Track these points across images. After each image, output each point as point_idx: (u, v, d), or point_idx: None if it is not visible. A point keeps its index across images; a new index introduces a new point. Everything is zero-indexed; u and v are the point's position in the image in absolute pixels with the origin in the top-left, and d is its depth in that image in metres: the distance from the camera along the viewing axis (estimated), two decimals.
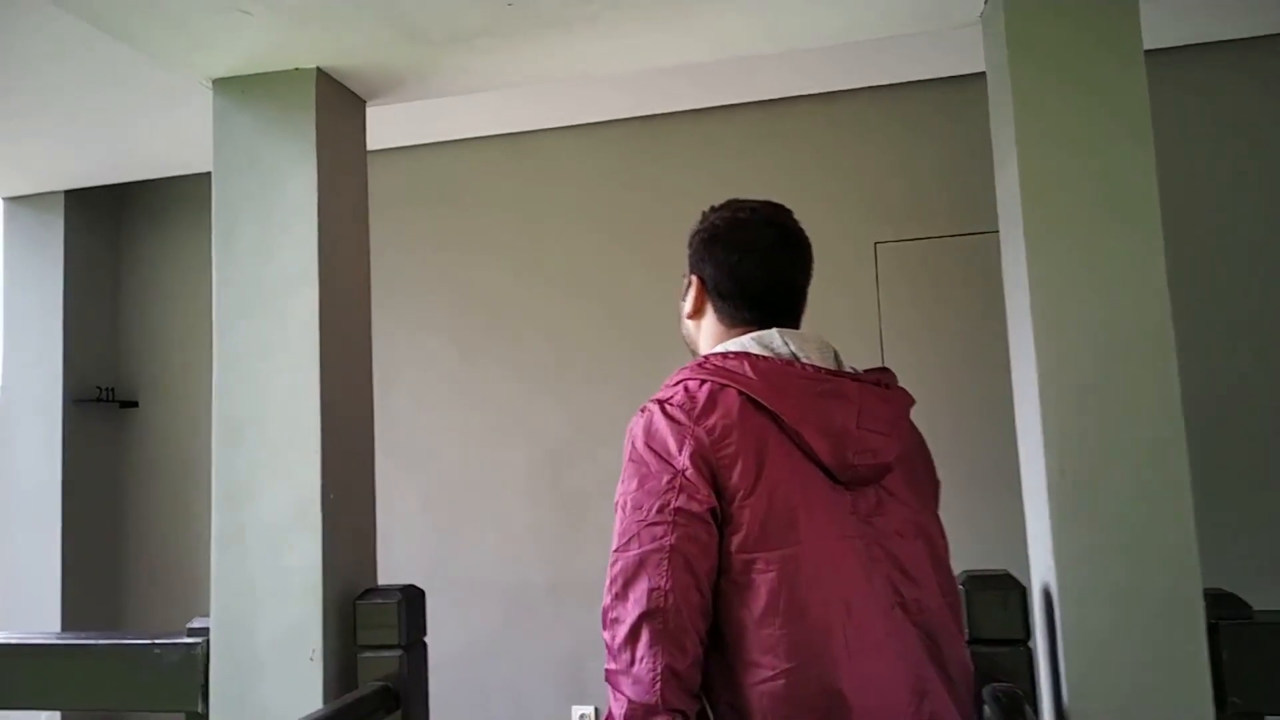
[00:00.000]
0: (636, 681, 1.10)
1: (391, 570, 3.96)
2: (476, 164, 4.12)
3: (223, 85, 2.15)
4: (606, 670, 1.16)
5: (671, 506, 1.12)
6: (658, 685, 1.09)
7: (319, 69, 2.10)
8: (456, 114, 3.76)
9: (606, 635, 1.17)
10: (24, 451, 4.31)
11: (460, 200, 4.11)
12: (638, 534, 1.13)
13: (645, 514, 1.14)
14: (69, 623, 4.19)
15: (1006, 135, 1.80)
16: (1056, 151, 1.72)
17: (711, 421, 1.15)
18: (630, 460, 1.20)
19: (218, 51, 2.02)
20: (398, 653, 1.99)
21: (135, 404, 4.56)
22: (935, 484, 1.37)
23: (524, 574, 3.93)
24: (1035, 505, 1.78)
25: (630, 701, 1.11)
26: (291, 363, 2.05)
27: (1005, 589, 1.73)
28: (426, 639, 2.13)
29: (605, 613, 1.18)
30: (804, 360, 1.22)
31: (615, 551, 1.17)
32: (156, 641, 2.07)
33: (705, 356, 1.27)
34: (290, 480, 2.03)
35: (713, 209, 1.43)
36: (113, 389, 4.51)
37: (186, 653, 2.03)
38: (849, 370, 1.27)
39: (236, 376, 2.08)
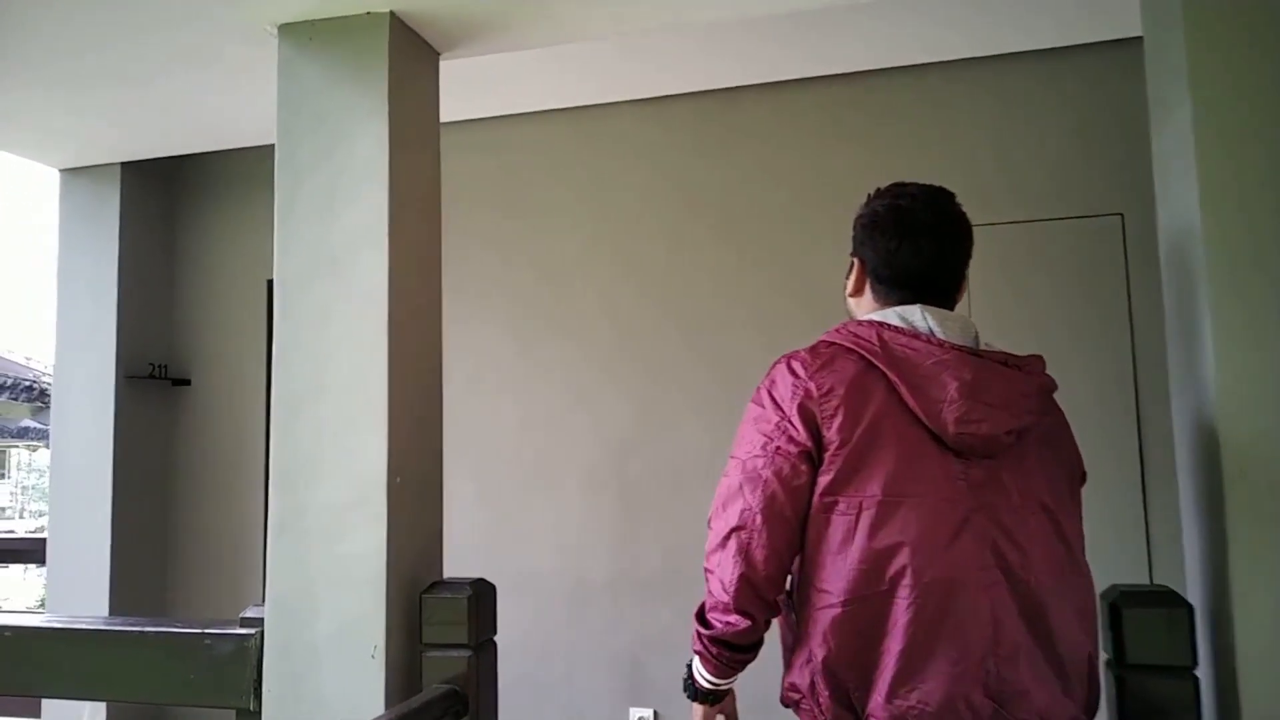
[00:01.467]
0: (719, 581, 1.32)
1: (444, 560, 3.81)
2: (538, 139, 3.93)
3: (289, 32, 1.98)
4: (704, 566, 1.36)
5: (773, 445, 1.27)
6: (734, 588, 1.29)
7: (392, 13, 1.91)
8: (516, 86, 3.57)
9: (708, 538, 1.36)
10: (76, 428, 4.22)
11: (521, 177, 3.93)
12: (743, 461, 1.31)
13: (752, 447, 1.30)
14: (118, 602, 4.08)
15: (1173, 110, 1.56)
16: (1237, 126, 1.48)
17: (823, 378, 1.27)
18: (754, 400, 1.35)
19: None
20: (466, 653, 1.80)
21: (188, 382, 4.45)
22: (1073, 472, 1.38)
23: (582, 569, 3.74)
24: (1199, 514, 1.55)
25: (712, 595, 1.34)
26: (357, 332, 1.87)
27: (1169, 606, 1.48)
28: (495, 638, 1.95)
29: (709, 520, 1.37)
30: (935, 333, 1.29)
31: (725, 473, 1.35)
32: (208, 631, 1.90)
33: (846, 322, 1.36)
34: (353, 461, 1.85)
35: (877, 192, 1.47)
36: (165, 366, 4.40)
37: (239, 644, 1.86)
38: (983, 348, 1.32)
39: (298, 346, 1.90)
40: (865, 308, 1.43)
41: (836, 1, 1.99)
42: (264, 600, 1.87)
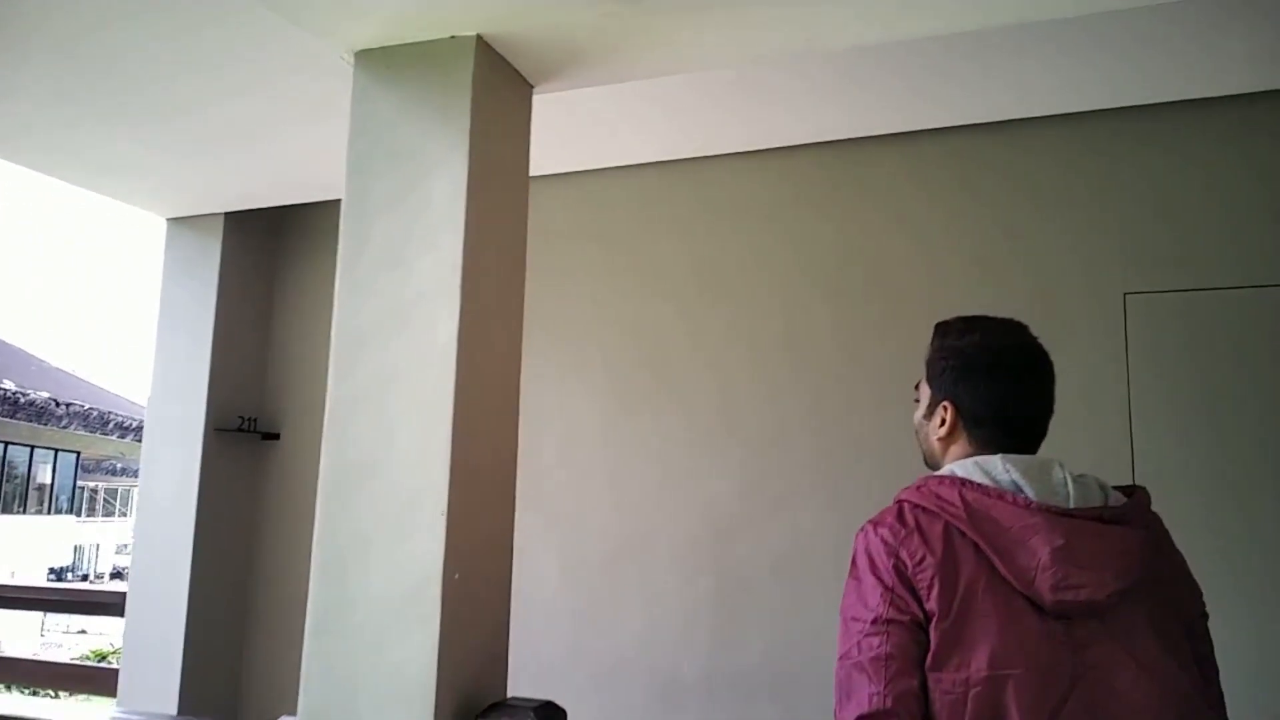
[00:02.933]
0: None
1: (521, 644, 3.49)
2: (638, 193, 3.67)
3: (366, 60, 1.76)
4: None
5: (884, 618, 1.20)
6: None
7: (479, 38, 1.67)
8: (615, 137, 3.33)
9: None
10: (162, 481, 4.09)
11: (619, 233, 3.67)
12: (857, 643, 1.22)
13: (863, 625, 1.22)
14: (189, 670, 3.91)
15: None
16: None
17: (913, 547, 1.22)
18: (851, 576, 1.29)
19: (362, 9, 1.63)
20: None
21: (276, 436, 4.32)
22: (1189, 615, 1.30)
23: (674, 663, 3.35)
24: None
25: None
26: (420, 402, 1.60)
27: None
28: None
29: (835, 713, 1.24)
30: (1022, 491, 1.23)
31: (839, 659, 1.24)
32: None
33: (925, 479, 1.30)
34: (406, 551, 1.56)
35: (954, 331, 1.42)
36: (255, 419, 4.27)
37: None
38: (1059, 505, 1.22)
39: (353, 417, 1.64)
40: (957, 453, 1.37)
41: (992, 22, 1.65)
42: (297, 712, 1.59)
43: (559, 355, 3.66)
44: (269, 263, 4.46)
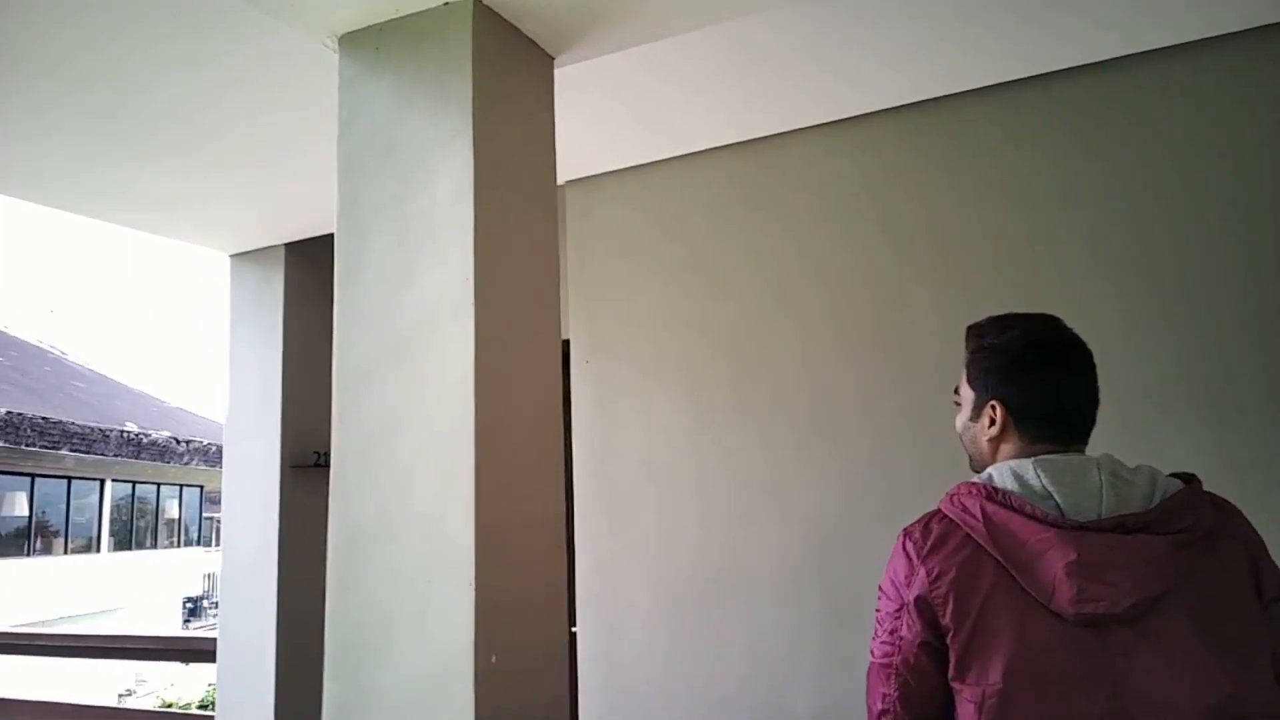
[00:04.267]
0: None
1: (611, 680, 3.17)
2: (708, 181, 3.32)
3: (351, 44, 1.46)
4: None
5: (898, 633, 1.24)
6: None
7: (478, 1, 1.37)
8: (673, 124, 2.99)
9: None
10: (243, 522, 3.93)
11: (689, 226, 3.33)
12: (876, 644, 1.27)
13: (883, 631, 1.26)
14: (282, 712, 3.74)
15: None
16: None
17: (932, 562, 1.22)
18: (883, 579, 1.30)
19: None
20: None
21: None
22: (1249, 623, 1.20)
23: (781, 697, 2.98)
24: None
25: None
26: (435, 448, 1.29)
27: None
28: None
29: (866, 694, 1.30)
30: (1052, 497, 1.21)
31: (870, 654, 1.29)
32: None
33: (958, 487, 1.29)
34: (429, 632, 1.26)
35: (992, 330, 1.41)
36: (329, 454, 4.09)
37: None
38: (1082, 515, 1.20)
39: (360, 470, 1.34)
40: (1008, 451, 1.34)
41: None
42: None
43: (634, 364, 3.34)
44: (331, 291, 4.27)
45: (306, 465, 3.95)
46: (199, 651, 4.25)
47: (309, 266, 4.13)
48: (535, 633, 1.34)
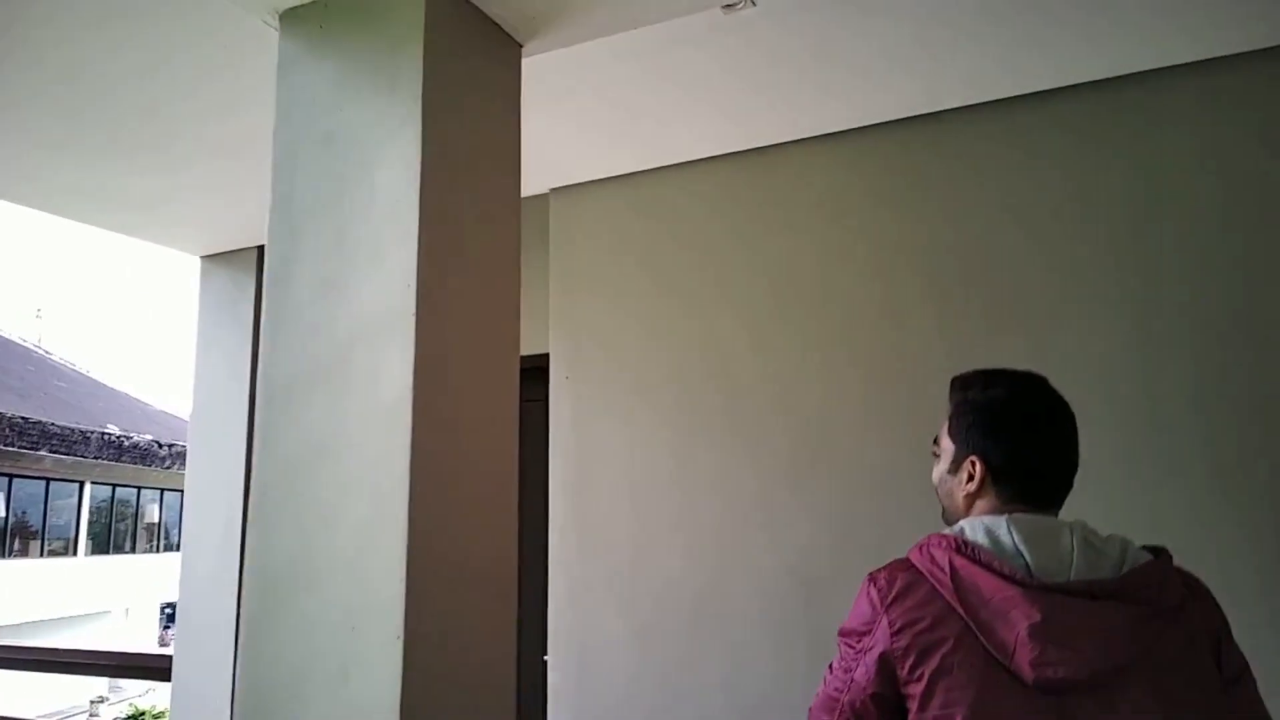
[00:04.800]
0: None
1: (583, 714, 2.98)
2: (700, 192, 3.16)
3: (294, 20, 1.29)
4: None
5: (852, 674, 1.21)
6: None
7: None
8: (664, 131, 2.84)
9: None
10: (205, 536, 3.76)
11: (680, 238, 3.17)
12: (834, 677, 1.23)
13: (839, 668, 1.23)
14: None
15: None
16: None
17: (895, 613, 1.19)
18: (847, 619, 1.26)
19: None
20: None
21: None
22: (1209, 699, 1.18)
23: None
24: None
25: None
26: (363, 481, 1.12)
27: None
28: None
29: (809, 712, 1.28)
30: (1023, 557, 1.18)
31: (825, 674, 1.26)
32: None
33: (929, 538, 1.25)
34: (351, 692, 1.08)
35: (977, 385, 1.38)
36: None
37: None
38: (1050, 577, 1.16)
39: (278, 504, 1.16)
40: (982, 508, 1.32)
41: None
42: None
43: (617, 381, 3.16)
44: None
45: None
46: (154, 669, 4.04)
47: None
48: (475, 697, 1.16)
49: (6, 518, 12.62)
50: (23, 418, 12.02)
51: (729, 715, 2.80)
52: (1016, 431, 1.31)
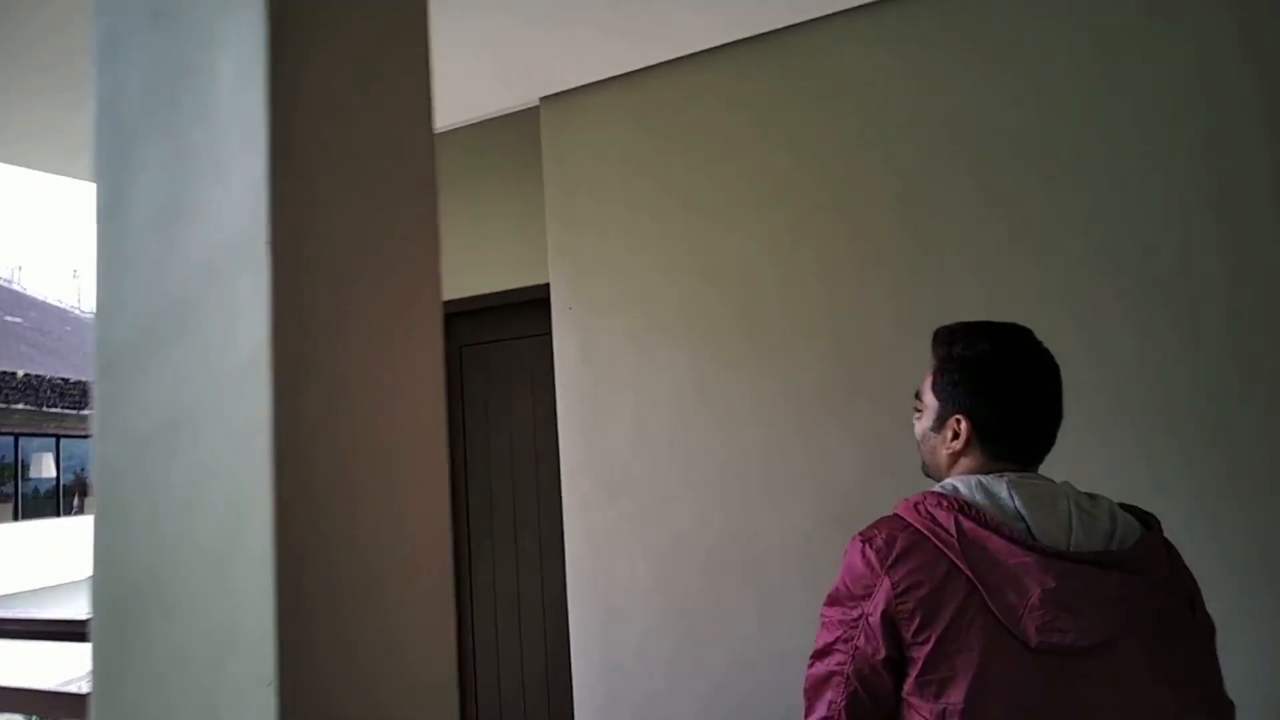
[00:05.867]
0: None
1: (612, 665, 2.76)
2: (708, 90, 2.79)
3: None
4: None
5: (852, 643, 1.19)
6: None
7: None
8: (668, 20, 2.47)
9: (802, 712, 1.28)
10: None
11: (687, 145, 2.81)
12: (828, 651, 1.21)
13: (833, 636, 1.21)
14: None
15: None
16: None
17: (898, 573, 1.17)
18: (834, 584, 1.25)
19: None
20: None
21: None
22: (1200, 657, 1.23)
23: (799, 680, 2.57)
24: None
25: None
26: (223, 459, 0.86)
27: None
28: None
29: (804, 692, 1.26)
30: (1024, 520, 1.18)
31: (812, 655, 1.25)
32: None
33: (924, 496, 1.24)
34: None
35: (962, 340, 1.33)
36: None
37: None
38: (1056, 543, 1.16)
39: (121, 500, 0.91)
40: (967, 465, 1.30)
41: None
42: None
43: (625, 311, 2.86)
44: None
45: None
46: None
47: None
48: None
49: (58, 477, 12.83)
50: (63, 379, 12.09)
51: (760, 664, 2.56)
52: (1004, 389, 1.27)
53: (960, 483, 1.24)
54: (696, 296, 2.75)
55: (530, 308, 3.20)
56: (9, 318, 13.26)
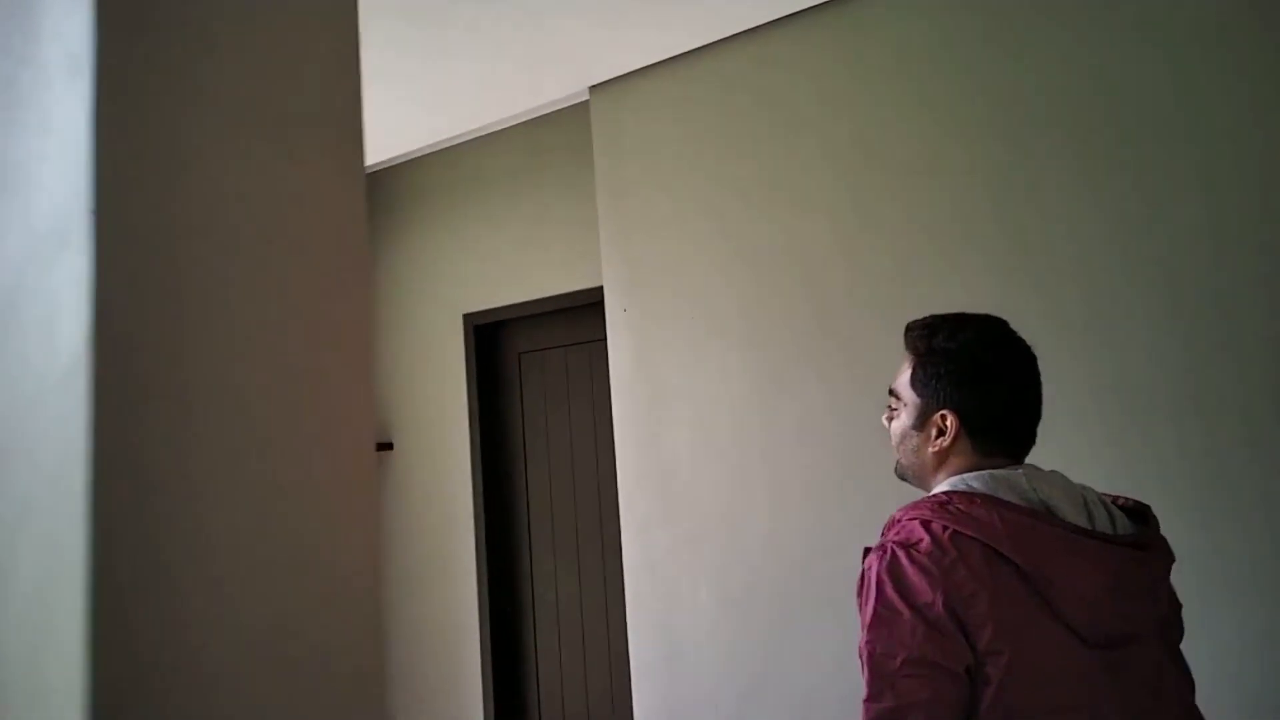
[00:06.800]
0: None
1: (675, 699, 2.51)
2: (769, 69, 2.52)
3: None
4: None
5: (928, 660, 1.05)
6: None
7: None
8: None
9: None
10: None
11: (749, 132, 2.55)
12: (891, 685, 1.07)
13: (898, 665, 1.07)
14: None
15: None
16: None
17: (960, 579, 1.06)
18: (877, 605, 1.10)
19: None
20: None
21: (390, 446, 3.61)
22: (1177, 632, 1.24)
23: None
24: None
25: None
26: (40, 492, 0.66)
27: None
28: None
29: None
30: (1055, 512, 1.13)
31: (867, 702, 1.09)
32: None
33: (948, 496, 1.14)
34: None
35: (942, 332, 1.26)
36: None
37: None
38: (1099, 530, 1.13)
39: None
40: (957, 464, 1.22)
41: None
42: None
43: (684, 311, 2.61)
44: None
45: None
46: None
47: None
48: None
49: None
50: None
51: (838, 704, 2.27)
52: (991, 380, 1.22)
53: (975, 479, 1.16)
54: (759, 294, 2.48)
55: (589, 311, 2.99)
56: None
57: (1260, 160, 1.84)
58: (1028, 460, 1.24)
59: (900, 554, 1.11)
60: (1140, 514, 1.23)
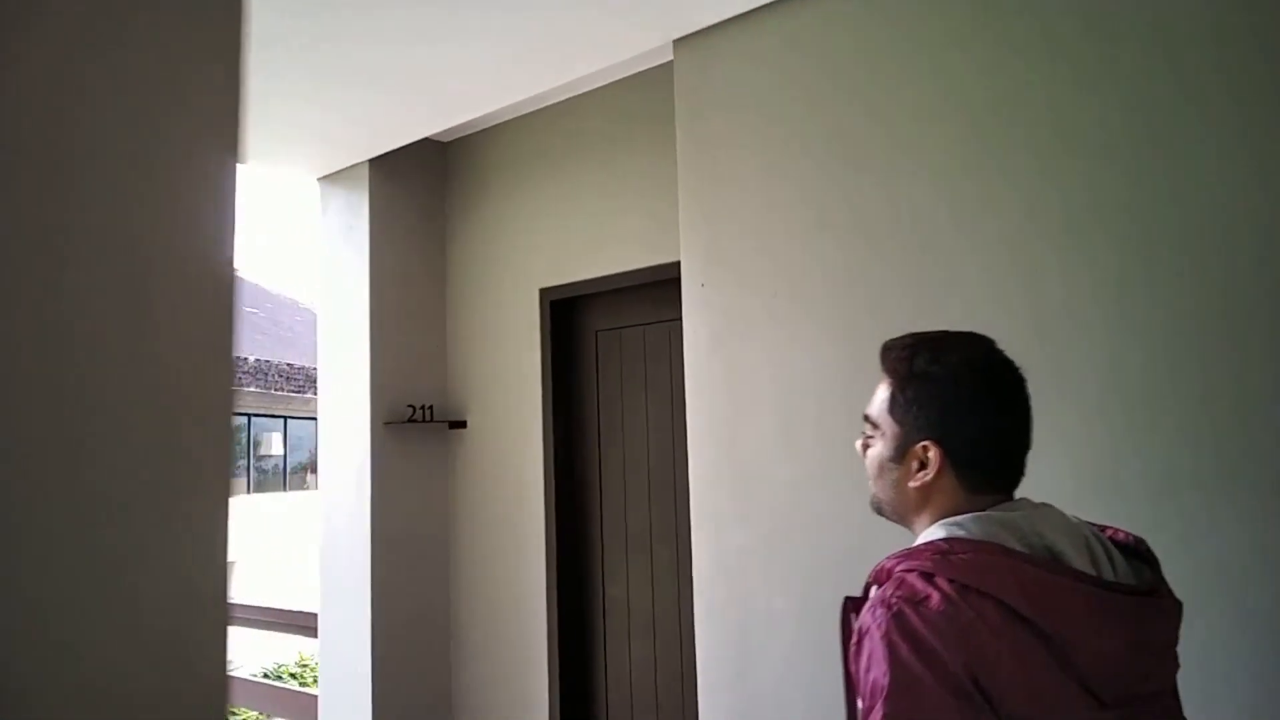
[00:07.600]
0: None
1: (748, 713, 2.26)
2: (871, 16, 2.21)
3: None
4: None
5: None
6: None
7: None
8: None
9: None
10: (337, 488, 3.38)
11: (848, 87, 2.23)
12: None
13: None
14: (384, 691, 3.18)
15: None
16: None
17: (981, 640, 0.96)
18: (893, 671, 0.97)
19: None
20: None
21: (463, 424, 3.46)
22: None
23: None
24: None
25: None
26: None
27: None
28: None
29: None
30: (1061, 558, 1.03)
31: None
32: None
33: (948, 544, 1.03)
34: None
35: (924, 353, 1.14)
36: (431, 407, 3.43)
37: None
38: (1108, 578, 1.04)
39: None
40: (943, 502, 1.10)
41: None
42: None
43: (767, 288, 2.34)
44: (427, 214, 3.55)
45: (401, 421, 3.32)
46: (301, 626, 3.82)
47: (398, 181, 3.45)
48: None
49: (285, 455, 13.81)
50: (288, 364, 12.95)
51: None
52: (979, 408, 1.11)
53: (971, 523, 1.06)
54: (855, 267, 2.19)
55: (669, 287, 2.75)
56: (247, 309, 14.44)
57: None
58: (1017, 494, 1.12)
59: (909, 614, 0.98)
60: (1138, 551, 1.11)
